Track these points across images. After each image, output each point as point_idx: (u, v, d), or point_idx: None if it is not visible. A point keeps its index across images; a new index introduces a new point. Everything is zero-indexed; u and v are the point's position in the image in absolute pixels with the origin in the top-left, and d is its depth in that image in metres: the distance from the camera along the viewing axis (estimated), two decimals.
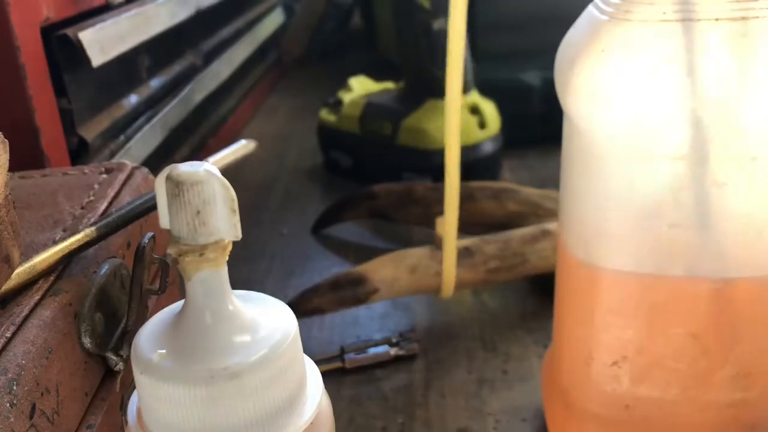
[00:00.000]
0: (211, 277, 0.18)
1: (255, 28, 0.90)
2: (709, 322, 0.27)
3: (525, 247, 0.43)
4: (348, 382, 0.40)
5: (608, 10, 0.26)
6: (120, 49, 0.49)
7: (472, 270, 0.42)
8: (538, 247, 0.43)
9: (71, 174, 0.33)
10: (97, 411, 0.24)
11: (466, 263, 0.41)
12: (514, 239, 0.43)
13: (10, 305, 0.23)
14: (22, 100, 0.39)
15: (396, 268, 0.41)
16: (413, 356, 0.41)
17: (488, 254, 0.42)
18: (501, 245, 0.42)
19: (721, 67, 0.24)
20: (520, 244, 0.43)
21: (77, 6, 0.45)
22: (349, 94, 0.66)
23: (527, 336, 0.43)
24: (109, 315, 0.26)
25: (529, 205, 0.48)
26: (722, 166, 0.25)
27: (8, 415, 0.19)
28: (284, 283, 0.50)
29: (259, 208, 0.62)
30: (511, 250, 0.42)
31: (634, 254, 0.27)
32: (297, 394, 0.19)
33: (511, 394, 0.38)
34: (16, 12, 0.38)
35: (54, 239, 0.27)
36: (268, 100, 0.95)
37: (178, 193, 0.17)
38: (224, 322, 0.18)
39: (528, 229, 0.44)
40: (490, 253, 0.42)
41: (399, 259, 0.41)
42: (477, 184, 0.50)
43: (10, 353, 0.21)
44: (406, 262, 0.41)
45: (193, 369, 0.17)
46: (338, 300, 0.40)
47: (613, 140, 0.26)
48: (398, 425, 0.37)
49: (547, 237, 0.43)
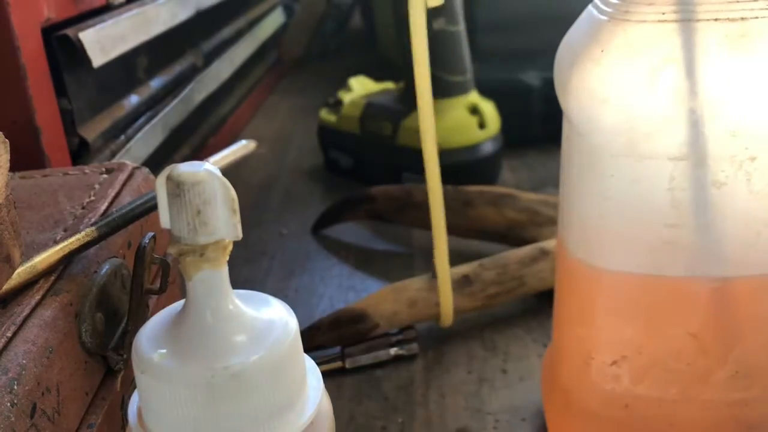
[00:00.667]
0: (212, 277, 0.18)
1: (255, 28, 0.90)
2: (708, 321, 0.27)
3: (523, 270, 0.43)
4: (348, 382, 0.40)
5: (607, 11, 0.26)
6: (120, 49, 0.49)
7: (471, 298, 0.42)
8: (536, 269, 0.43)
9: (72, 174, 0.33)
10: (98, 410, 0.24)
11: (465, 292, 0.42)
12: (512, 263, 0.43)
13: (10, 305, 0.23)
14: (23, 100, 0.39)
15: (395, 302, 0.41)
16: (413, 356, 0.41)
17: (487, 281, 0.42)
18: (499, 270, 0.42)
19: (720, 68, 0.24)
20: (518, 268, 0.43)
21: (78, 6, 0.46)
22: (349, 94, 0.66)
23: (527, 335, 0.43)
24: (110, 315, 0.26)
25: (527, 212, 0.48)
26: (721, 166, 0.25)
27: (9, 415, 0.19)
28: (284, 283, 0.50)
29: (259, 208, 0.62)
30: (509, 275, 0.42)
31: (633, 254, 0.27)
32: (297, 393, 0.19)
33: (511, 393, 0.38)
34: (17, 12, 0.38)
35: (55, 239, 0.27)
36: (268, 100, 0.95)
37: (179, 193, 0.17)
38: (225, 321, 0.18)
39: (526, 250, 0.44)
40: (489, 280, 0.42)
41: (398, 292, 0.41)
42: (476, 189, 0.50)
43: (11, 353, 0.21)
44: (406, 295, 0.41)
45: (193, 369, 0.17)
46: (339, 337, 0.41)
47: (612, 140, 0.26)
48: (398, 425, 0.37)
49: (545, 257, 0.43)
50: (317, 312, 0.46)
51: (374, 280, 0.50)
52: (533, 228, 0.47)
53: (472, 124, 0.59)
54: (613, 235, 0.27)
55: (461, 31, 0.58)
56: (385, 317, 0.41)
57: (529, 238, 0.47)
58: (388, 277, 0.50)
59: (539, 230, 0.47)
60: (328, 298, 0.48)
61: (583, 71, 0.26)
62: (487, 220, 0.49)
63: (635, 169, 0.26)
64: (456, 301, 0.41)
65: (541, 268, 0.43)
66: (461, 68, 0.58)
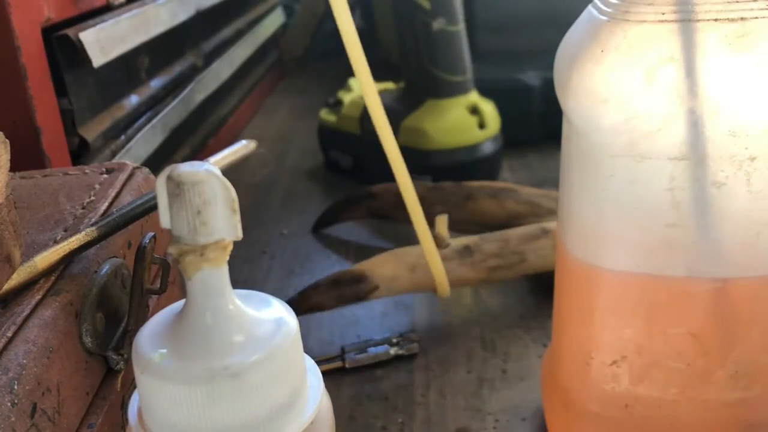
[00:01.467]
0: (212, 277, 0.18)
1: (255, 28, 0.90)
2: (708, 321, 0.27)
3: (524, 245, 0.43)
4: (348, 382, 0.40)
5: (607, 11, 0.26)
6: (121, 49, 0.49)
7: (471, 268, 0.42)
8: (537, 246, 0.43)
9: (72, 174, 0.33)
10: (98, 410, 0.24)
11: (466, 261, 0.42)
12: (514, 238, 0.43)
13: (11, 305, 0.23)
14: (23, 100, 0.39)
15: (396, 266, 0.41)
16: (413, 356, 0.41)
17: (488, 252, 0.42)
18: (500, 244, 0.42)
19: (719, 68, 0.24)
20: (519, 243, 0.43)
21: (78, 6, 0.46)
22: (349, 94, 0.66)
23: (527, 335, 0.43)
24: (110, 315, 0.26)
25: (528, 204, 0.48)
26: (721, 167, 0.25)
27: (9, 415, 0.19)
28: (284, 283, 0.50)
29: (259, 208, 0.62)
30: (510, 249, 0.42)
31: (633, 254, 0.27)
32: (297, 393, 0.19)
33: (511, 393, 0.38)
34: (17, 12, 0.38)
35: (55, 239, 0.27)
36: (268, 100, 0.95)
37: (179, 193, 0.17)
38: (225, 321, 0.18)
39: (527, 228, 0.44)
40: (490, 252, 0.42)
41: (399, 256, 0.41)
42: (476, 183, 0.50)
43: (11, 353, 0.21)
44: (406, 260, 0.41)
45: (193, 368, 0.17)
46: (338, 297, 0.40)
47: (612, 140, 0.26)
48: (398, 425, 0.37)
49: (546, 236, 0.43)
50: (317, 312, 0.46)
51: None
52: (534, 220, 0.47)
53: (472, 124, 0.59)
54: (612, 234, 0.27)
55: (461, 31, 0.58)
56: (385, 280, 0.40)
57: None
58: None
59: (540, 221, 0.47)
60: None
61: (582, 71, 0.26)
62: (488, 213, 0.49)
63: (635, 169, 0.26)
64: (456, 271, 0.41)
65: (542, 246, 0.43)
66: (461, 68, 0.58)
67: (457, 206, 0.49)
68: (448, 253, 0.41)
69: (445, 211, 0.49)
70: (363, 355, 0.41)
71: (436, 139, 0.58)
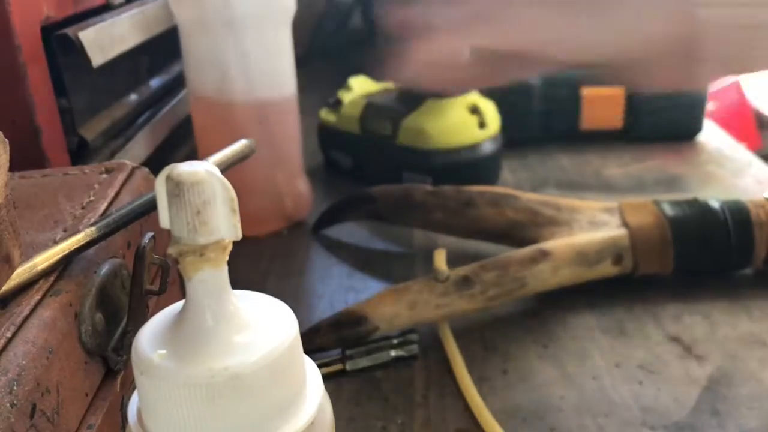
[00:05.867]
0: (212, 277, 0.18)
1: None
2: None
3: (524, 270, 0.43)
4: (348, 383, 0.40)
5: None
6: (120, 48, 0.49)
7: (471, 300, 0.42)
8: (536, 270, 0.43)
9: (71, 174, 0.33)
10: (98, 411, 0.24)
11: (465, 294, 0.42)
12: (513, 263, 0.43)
13: (10, 305, 0.23)
14: (22, 99, 0.39)
15: (395, 305, 0.41)
16: (413, 357, 0.41)
17: (487, 282, 0.42)
18: (500, 272, 0.42)
19: None
20: (518, 268, 0.43)
21: (77, 5, 0.45)
22: (349, 94, 0.66)
23: (527, 335, 0.43)
24: (110, 315, 0.26)
25: (527, 212, 0.48)
26: None
27: (9, 415, 0.19)
28: (284, 283, 0.50)
29: None
30: (510, 276, 0.42)
31: None
32: (297, 394, 0.19)
33: (511, 393, 0.38)
34: (17, 11, 0.38)
35: (54, 239, 0.27)
36: None
37: (179, 193, 0.17)
38: (224, 322, 0.18)
39: (526, 251, 0.44)
40: (489, 281, 0.42)
41: (398, 294, 0.41)
42: (476, 189, 0.50)
43: (11, 353, 0.21)
44: (406, 298, 0.41)
45: (193, 369, 0.17)
46: (339, 339, 0.41)
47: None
48: (398, 425, 0.37)
49: (545, 258, 0.43)
50: (317, 312, 0.46)
51: (374, 281, 0.50)
52: (533, 228, 0.47)
53: (472, 124, 0.59)
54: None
55: None
56: (385, 319, 0.41)
57: (529, 238, 0.47)
58: (388, 278, 0.50)
59: (539, 230, 0.47)
60: (328, 298, 0.48)
61: None
62: (488, 221, 0.49)
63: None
64: (455, 304, 0.41)
65: (542, 269, 0.43)
66: None
67: (456, 213, 0.49)
68: (447, 288, 0.41)
69: (445, 217, 0.49)
70: (363, 357, 0.41)
71: (436, 139, 0.58)
